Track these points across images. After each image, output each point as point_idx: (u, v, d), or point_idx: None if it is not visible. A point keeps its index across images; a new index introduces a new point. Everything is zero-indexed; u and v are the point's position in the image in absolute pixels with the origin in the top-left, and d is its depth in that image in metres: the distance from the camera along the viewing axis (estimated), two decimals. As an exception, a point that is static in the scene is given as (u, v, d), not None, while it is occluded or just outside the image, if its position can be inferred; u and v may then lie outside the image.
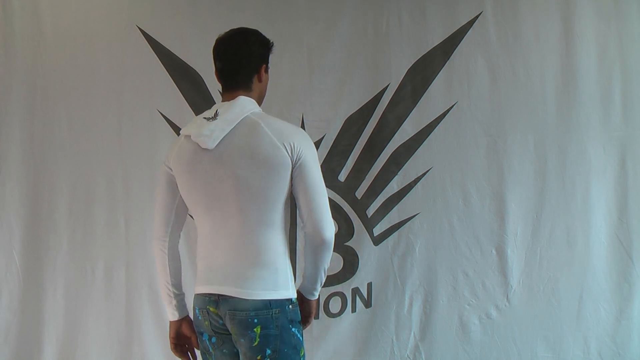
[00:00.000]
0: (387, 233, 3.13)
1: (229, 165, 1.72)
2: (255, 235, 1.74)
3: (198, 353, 1.94)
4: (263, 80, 1.87)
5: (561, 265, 3.07)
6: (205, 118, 1.78)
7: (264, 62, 1.87)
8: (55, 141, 3.01)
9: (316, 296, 1.89)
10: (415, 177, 3.11)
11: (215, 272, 1.78)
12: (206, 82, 3.03)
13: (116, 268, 3.03)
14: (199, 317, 1.83)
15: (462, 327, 3.10)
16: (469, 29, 3.08)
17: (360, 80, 3.10)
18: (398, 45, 3.09)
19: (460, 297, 3.10)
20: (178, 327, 1.91)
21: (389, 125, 3.11)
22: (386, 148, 3.12)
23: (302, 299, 1.89)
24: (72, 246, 3.01)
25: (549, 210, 3.07)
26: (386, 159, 3.12)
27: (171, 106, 3.03)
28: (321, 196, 1.75)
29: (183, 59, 3.03)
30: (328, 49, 3.09)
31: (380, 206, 3.13)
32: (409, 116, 3.11)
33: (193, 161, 1.77)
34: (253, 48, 1.83)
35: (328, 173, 3.09)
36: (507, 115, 3.09)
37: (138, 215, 3.02)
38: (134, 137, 3.03)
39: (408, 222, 3.12)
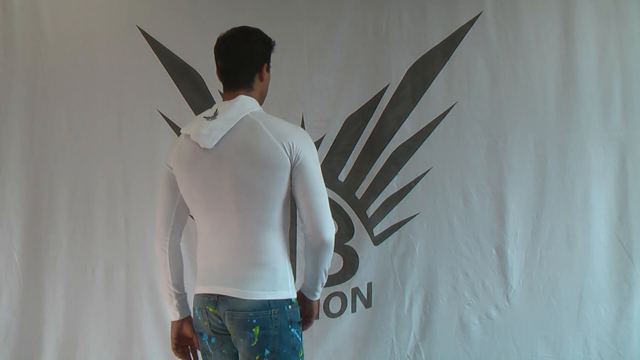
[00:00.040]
0: (387, 233, 3.13)
1: (228, 165, 1.71)
2: (254, 235, 1.73)
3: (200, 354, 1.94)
4: (265, 79, 1.86)
5: (561, 265, 3.07)
6: (205, 117, 1.77)
7: (266, 61, 1.85)
8: (55, 141, 3.01)
9: (317, 297, 1.88)
10: (415, 177, 3.11)
11: (214, 273, 1.77)
12: (206, 82, 3.03)
13: (116, 268, 3.03)
14: (199, 318, 1.83)
15: (462, 327, 3.10)
16: (469, 29, 3.08)
17: (360, 80, 3.10)
18: (398, 45, 3.09)
19: (460, 297, 3.10)
20: (179, 328, 1.90)
21: (389, 125, 3.11)
22: (386, 148, 3.12)
23: (304, 300, 1.88)
24: (72, 246, 3.02)
25: (549, 210, 3.07)
26: (386, 159, 3.12)
27: (171, 106, 3.03)
28: (321, 196, 1.73)
29: (183, 59, 3.03)
30: (328, 49, 3.09)
31: (380, 206, 3.13)
32: (409, 116, 3.11)
33: (192, 161, 1.76)
34: (255, 47, 1.81)
35: (328, 173, 3.08)
36: (507, 115, 3.09)
37: (138, 215, 3.02)
38: (134, 137, 3.03)
39: (408, 222, 3.12)
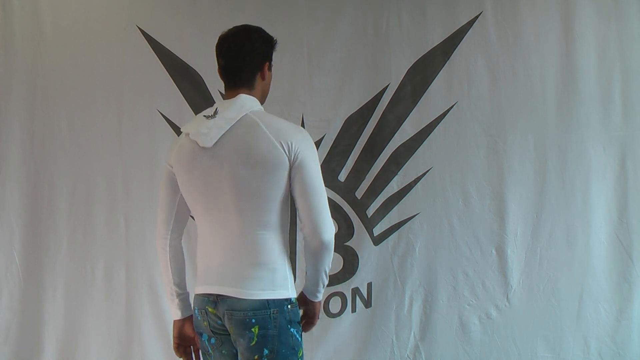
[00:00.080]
0: (387, 233, 3.13)
1: (227, 164, 1.70)
2: (253, 235, 1.72)
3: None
4: (266, 78, 1.84)
5: (561, 265, 3.07)
6: (205, 116, 1.76)
7: (267, 60, 1.84)
8: (55, 141, 3.01)
9: (319, 298, 1.87)
10: (415, 177, 3.11)
11: (213, 273, 1.77)
12: (206, 82, 3.03)
13: (116, 268, 3.03)
14: (198, 318, 1.82)
15: (462, 327, 3.10)
16: (469, 29, 3.08)
17: (360, 80, 3.10)
18: (398, 45, 3.09)
19: (460, 297, 3.10)
20: (181, 327, 1.90)
21: (389, 125, 3.11)
22: (386, 148, 3.12)
23: (306, 301, 1.88)
24: (72, 246, 3.02)
25: (549, 210, 3.07)
26: (386, 159, 3.12)
27: (171, 106, 3.03)
28: (320, 197, 1.72)
29: (183, 59, 3.03)
30: (328, 49, 3.09)
31: (380, 206, 3.13)
32: (409, 116, 3.11)
33: (192, 160, 1.75)
34: (256, 45, 1.80)
35: (328, 173, 3.09)
36: (507, 115, 3.09)
37: (138, 215, 3.02)
38: (134, 137, 3.03)
39: (408, 222, 3.12)
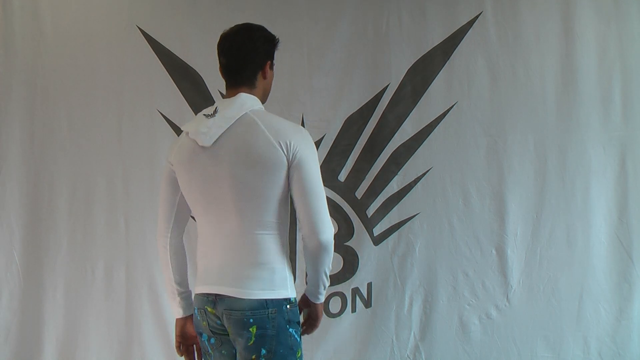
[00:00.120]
0: (387, 233, 3.13)
1: (226, 163, 1.70)
2: (252, 235, 1.71)
3: None
4: (268, 76, 1.84)
5: (561, 265, 3.07)
6: (205, 115, 1.76)
7: (269, 59, 1.83)
8: (55, 141, 3.01)
9: (321, 300, 1.86)
10: (415, 177, 3.11)
11: (213, 272, 1.77)
12: (206, 82, 3.03)
13: (116, 268, 3.03)
14: (198, 317, 1.82)
15: (462, 327, 3.10)
16: (469, 29, 3.08)
17: (360, 80, 3.10)
18: (398, 45, 3.09)
19: (460, 297, 3.10)
20: (183, 325, 1.90)
21: (389, 125, 3.11)
22: (386, 148, 3.12)
23: (308, 303, 1.87)
24: (72, 246, 3.01)
25: (549, 210, 3.07)
26: (386, 159, 3.12)
27: (171, 106, 3.03)
28: (318, 197, 1.70)
29: (183, 59, 3.03)
30: (328, 49, 3.09)
31: (380, 206, 3.13)
32: (409, 116, 3.11)
33: (192, 159, 1.75)
34: (258, 44, 1.79)
35: (328, 173, 3.09)
36: (507, 115, 3.08)
37: (138, 215, 3.02)
38: (134, 137, 3.03)
39: (408, 222, 3.12)
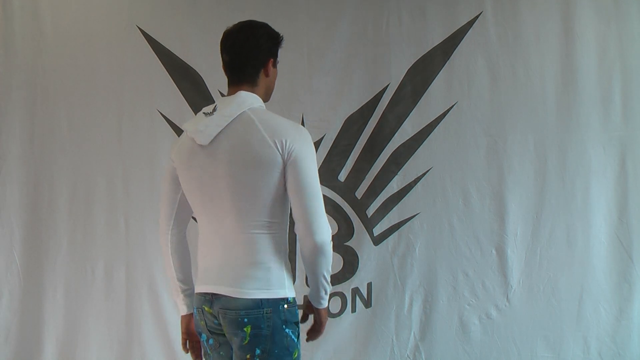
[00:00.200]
0: (387, 233, 3.13)
1: (223, 162, 1.68)
2: (248, 234, 1.70)
3: None
4: (270, 74, 1.81)
5: (561, 265, 3.07)
6: (204, 113, 1.74)
7: (272, 56, 1.81)
8: (55, 141, 3.01)
9: (323, 305, 1.82)
10: (415, 177, 3.11)
11: (211, 272, 1.76)
12: (206, 82, 3.03)
13: (116, 268, 3.03)
14: (197, 317, 1.82)
15: (462, 327, 3.10)
16: (469, 29, 3.08)
17: (360, 80, 3.10)
18: (398, 45, 3.09)
19: (460, 297, 3.09)
20: (188, 322, 1.90)
21: (389, 125, 3.11)
22: (386, 148, 3.12)
23: (312, 308, 1.85)
24: (72, 246, 3.02)
25: (549, 210, 3.07)
26: (386, 159, 3.12)
27: (171, 106, 3.03)
28: (313, 196, 1.67)
29: (183, 59, 3.03)
30: (328, 49, 3.09)
31: (380, 206, 3.13)
32: (409, 116, 3.11)
33: (190, 157, 1.74)
34: (261, 41, 1.77)
35: (328, 173, 3.09)
36: (507, 115, 3.08)
37: (138, 215, 3.02)
38: (134, 137, 3.03)
39: (408, 222, 3.12)
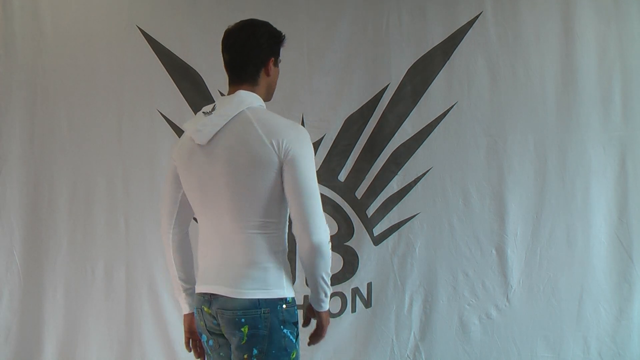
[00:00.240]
0: (387, 233, 3.13)
1: (221, 162, 1.68)
2: (245, 234, 1.69)
3: None
4: (271, 73, 1.80)
5: (561, 265, 3.07)
6: (203, 112, 1.74)
7: (273, 55, 1.80)
8: (55, 141, 3.02)
9: (324, 308, 1.79)
10: (415, 177, 3.11)
11: (210, 272, 1.76)
12: (206, 82, 3.03)
13: (116, 268, 3.03)
14: (197, 317, 1.82)
15: (462, 327, 3.10)
16: (469, 29, 3.08)
17: (360, 80, 3.10)
18: (398, 45, 3.09)
19: (460, 297, 3.09)
20: (190, 321, 1.89)
21: (389, 125, 3.11)
22: (386, 148, 3.12)
23: (313, 311, 1.83)
24: (72, 246, 3.02)
25: (549, 210, 3.07)
26: (386, 159, 3.12)
27: (171, 106, 3.03)
28: (310, 196, 1.66)
29: (183, 59, 3.03)
30: (328, 49, 3.09)
31: (380, 206, 3.13)
32: (409, 116, 3.11)
33: (190, 157, 1.74)
34: (262, 40, 1.76)
35: (328, 173, 3.09)
36: (507, 115, 3.08)
37: (138, 215, 3.02)
38: (134, 137, 3.03)
39: (408, 222, 3.12)
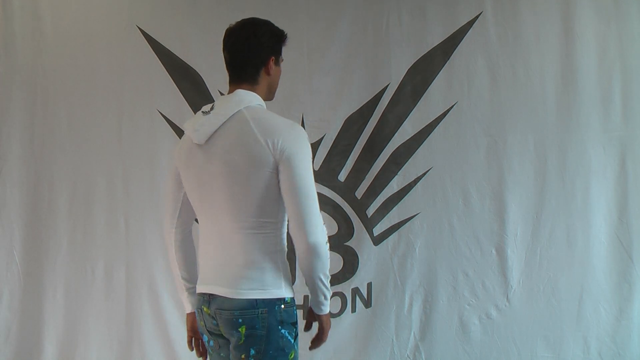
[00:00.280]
0: (387, 233, 3.13)
1: (218, 161, 1.68)
2: (242, 234, 1.69)
3: None
4: (272, 73, 1.79)
5: (561, 265, 3.07)
6: (202, 112, 1.74)
7: (274, 54, 1.79)
8: (55, 141, 3.02)
9: (324, 310, 1.78)
10: (415, 177, 3.11)
11: (209, 272, 1.76)
12: (206, 82, 3.03)
13: (116, 268, 3.03)
14: (197, 317, 1.82)
15: (462, 327, 3.10)
16: (469, 29, 3.08)
17: (360, 80, 3.10)
18: (398, 45, 3.09)
19: (460, 297, 3.09)
20: (193, 320, 1.89)
21: (389, 125, 3.11)
22: (386, 148, 3.12)
23: (314, 315, 1.82)
24: (72, 246, 3.02)
25: (549, 210, 3.07)
26: (386, 159, 3.12)
27: (171, 106, 3.03)
28: (307, 196, 1.65)
29: (183, 59, 3.03)
30: (328, 49, 3.09)
31: (380, 206, 3.13)
32: (409, 116, 3.11)
33: (189, 156, 1.74)
34: (263, 39, 1.76)
35: (328, 173, 3.09)
36: (507, 115, 3.08)
37: (138, 215, 3.02)
38: (134, 137, 3.03)
39: (408, 222, 3.12)
